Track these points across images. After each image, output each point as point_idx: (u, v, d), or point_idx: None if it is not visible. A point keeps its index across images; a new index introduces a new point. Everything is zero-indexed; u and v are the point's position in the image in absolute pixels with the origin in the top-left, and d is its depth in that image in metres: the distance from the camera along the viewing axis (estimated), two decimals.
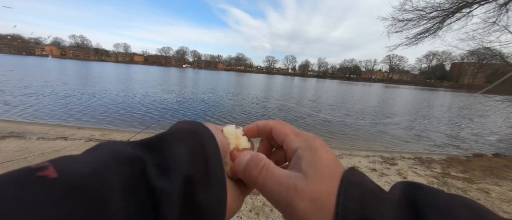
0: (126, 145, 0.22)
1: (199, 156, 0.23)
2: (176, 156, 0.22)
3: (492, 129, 10.28)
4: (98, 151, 0.20)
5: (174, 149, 0.22)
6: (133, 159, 0.20)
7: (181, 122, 0.28)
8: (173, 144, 0.23)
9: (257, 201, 2.61)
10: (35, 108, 7.84)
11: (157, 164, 0.21)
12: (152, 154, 0.22)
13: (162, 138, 0.24)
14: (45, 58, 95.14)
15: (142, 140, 0.24)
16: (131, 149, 0.21)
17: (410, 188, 0.23)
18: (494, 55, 6.85)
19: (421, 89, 67.25)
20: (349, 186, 0.22)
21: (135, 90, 14.80)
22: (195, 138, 0.24)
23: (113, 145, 0.21)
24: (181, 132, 0.25)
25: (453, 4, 5.81)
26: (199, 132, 0.25)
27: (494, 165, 4.72)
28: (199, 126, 0.26)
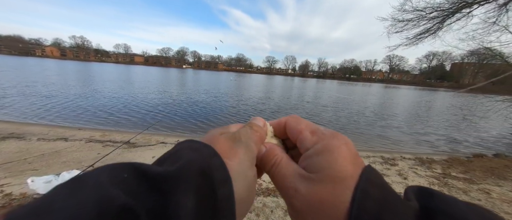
0: (119, 175, 0.18)
1: (207, 210, 0.19)
2: (180, 211, 0.17)
3: (493, 130, 10.26)
4: (81, 191, 0.15)
5: (179, 198, 0.18)
6: (123, 211, 0.15)
7: (191, 146, 0.23)
8: (178, 190, 0.18)
9: (257, 202, 2.60)
10: (33, 108, 7.84)
11: (153, 216, 0.16)
12: (150, 197, 0.17)
13: (167, 176, 0.19)
14: (45, 59, 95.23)
15: (142, 169, 0.19)
16: (121, 191, 0.16)
17: (426, 194, 0.21)
18: (495, 55, 6.85)
19: (421, 89, 67.25)
20: (368, 185, 0.21)
21: (135, 91, 14.81)
22: (206, 181, 0.20)
23: (103, 179, 0.17)
24: (188, 171, 0.20)
25: (453, 4, 5.81)
26: (211, 170, 0.21)
27: (494, 165, 4.71)
28: (211, 158, 0.22)
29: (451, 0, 5.79)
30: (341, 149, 0.23)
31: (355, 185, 0.21)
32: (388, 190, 0.21)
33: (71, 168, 3.08)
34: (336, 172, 0.22)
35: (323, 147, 0.24)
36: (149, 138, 5.37)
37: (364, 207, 0.19)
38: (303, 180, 0.23)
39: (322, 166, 0.22)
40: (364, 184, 0.20)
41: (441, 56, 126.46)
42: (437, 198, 0.21)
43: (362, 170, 0.22)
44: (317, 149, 0.24)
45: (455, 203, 0.20)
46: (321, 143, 0.24)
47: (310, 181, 0.22)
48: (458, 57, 24.27)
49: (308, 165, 0.24)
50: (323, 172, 0.22)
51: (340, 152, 0.23)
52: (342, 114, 11.94)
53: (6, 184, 2.78)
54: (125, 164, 0.19)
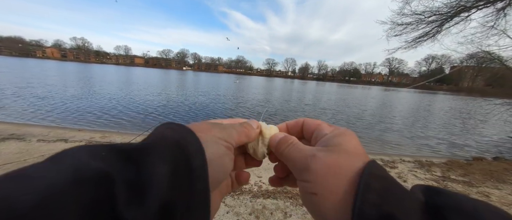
0: (98, 151, 0.18)
1: (182, 176, 0.20)
2: (154, 176, 0.19)
3: (492, 133, 10.27)
4: (58, 164, 0.17)
5: (152, 165, 0.19)
6: (98, 178, 0.16)
7: (167, 125, 0.25)
8: (152, 158, 0.20)
9: (257, 204, 2.60)
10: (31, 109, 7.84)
11: (129, 184, 0.17)
12: (125, 167, 0.18)
13: (141, 148, 0.21)
14: (45, 60, 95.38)
15: (119, 146, 0.20)
16: (99, 162, 0.17)
17: (433, 191, 0.22)
18: (493, 59, 6.89)
19: (420, 92, 67.42)
20: (370, 177, 0.22)
21: (135, 92, 14.82)
22: (179, 151, 0.22)
23: (79, 154, 0.18)
24: (163, 143, 0.22)
25: (452, 8, 5.87)
26: (185, 143, 0.22)
27: (494, 168, 4.71)
28: (186, 134, 0.24)
29: (450, 4, 5.85)
30: (353, 137, 0.28)
31: (363, 165, 0.23)
32: (392, 183, 0.22)
33: None
34: (351, 148, 0.26)
35: (339, 132, 0.28)
36: None
37: (366, 199, 0.20)
38: (321, 150, 0.26)
39: (340, 142, 0.26)
40: (367, 177, 0.22)
41: (440, 59, 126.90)
42: (444, 195, 0.21)
43: (367, 162, 0.24)
44: (334, 133, 0.28)
45: (463, 198, 0.21)
46: (338, 130, 0.29)
47: (329, 151, 0.26)
48: (457, 61, 24.41)
49: (327, 144, 0.27)
50: (340, 146, 0.26)
51: (352, 137, 0.27)
52: (340, 117, 11.96)
53: None
54: (103, 145, 0.20)
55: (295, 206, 2.60)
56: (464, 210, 0.19)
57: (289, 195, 2.81)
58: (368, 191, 0.20)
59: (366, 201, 0.20)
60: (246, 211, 2.47)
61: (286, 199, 2.74)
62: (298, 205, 2.62)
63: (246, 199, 2.67)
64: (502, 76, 8.03)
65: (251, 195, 2.76)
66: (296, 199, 2.72)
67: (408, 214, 0.19)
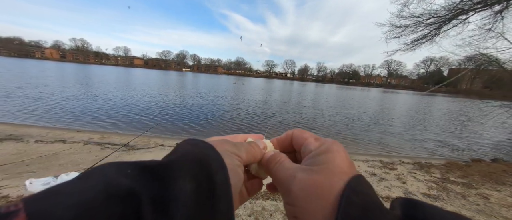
0: (125, 169, 0.19)
1: (206, 194, 0.21)
2: (180, 194, 0.19)
3: (491, 135, 10.32)
4: (90, 179, 0.17)
5: (178, 183, 0.20)
6: (127, 195, 0.17)
7: (188, 142, 0.26)
8: (177, 177, 0.20)
9: (256, 206, 2.59)
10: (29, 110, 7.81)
11: (155, 201, 0.18)
12: (151, 185, 0.19)
13: (166, 166, 0.21)
14: (44, 61, 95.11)
15: (144, 163, 0.21)
16: (128, 180, 0.18)
17: (409, 205, 0.23)
18: (491, 61, 6.93)
19: (419, 94, 67.67)
20: (353, 193, 0.22)
21: (135, 93, 14.80)
22: (203, 169, 0.22)
23: (109, 171, 0.18)
24: (187, 160, 0.22)
25: (450, 11, 5.92)
26: (208, 161, 0.23)
27: (492, 170, 4.72)
28: (208, 151, 0.24)
29: (448, 7, 5.90)
30: (340, 152, 0.27)
31: (344, 186, 0.23)
32: (371, 199, 0.22)
33: (69, 171, 3.06)
34: (334, 167, 0.25)
35: (325, 149, 0.28)
36: (148, 141, 5.36)
37: (347, 214, 0.21)
38: (303, 171, 0.26)
39: (322, 161, 0.26)
40: (349, 192, 0.22)
41: (438, 61, 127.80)
42: (420, 208, 0.22)
43: (350, 178, 0.24)
44: (319, 150, 0.28)
45: (437, 212, 0.21)
46: (323, 146, 0.28)
47: (310, 171, 0.26)
48: (455, 63, 24.70)
49: (311, 163, 0.27)
50: (322, 165, 0.26)
51: (338, 153, 0.27)
52: (339, 118, 11.98)
53: (3, 186, 2.75)
54: (128, 162, 0.20)
55: None
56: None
57: None
58: (348, 205, 0.21)
59: (346, 216, 0.20)
60: (246, 212, 2.47)
61: None
62: None
63: None
64: (500, 78, 8.08)
65: (251, 197, 2.75)
66: None
67: None
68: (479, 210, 3.00)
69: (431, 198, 3.28)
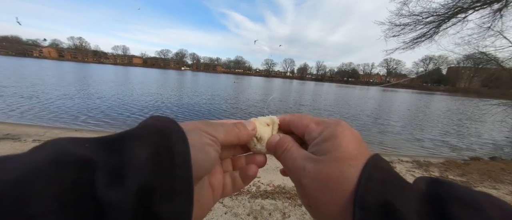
0: (82, 143, 0.19)
1: (163, 161, 0.20)
2: (134, 160, 0.19)
3: (489, 133, 10.37)
4: (42, 150, 0.17)
5: (133, 150, 0.19)
6: (81, 163, 0.17)
7: (152, 117, 0.25)
8: (133, 144, 0.20)
9: (255, 205, 2.59)
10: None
11: (110, 169, 0.18)
12: (107, 154, 0.19)
13: (123, 136, 0.21)
14: (42, 60, 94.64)
15: (102, 137, 0.21)
16: (82, 149, 0.18)
17: (435, 182, 0.22)
18: (490, 60, 6.95)
19: (418, 92, 67.96)
20: (373, 169, 0.22)
21: (133, 92, 14.74)
22: (162, 138, 0.22)
23: (63, 143, 0.18)
24: (145, 131, 0.22)
25: (449, 9, 5.91)
26: (168, 131, 0.23)
27: (491, 168, 4.74)
28: (169, 124, 0.24)
29: (447, 6, 5.89)
30: (345, 134, 0.25)
31: (361, 166, 0.22)
32: (393, 175, 0.22)
33: None
34: (341, 153, 0.24)
35: (329, 134, 0.26)
36: None
37: (367, 187, 0.20)
38: (312, 161, 0.25)
39: (328, 149, 0.25)
40: (369, 168, 0.22)
41: (437, 60, 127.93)
42: (446, 185, 0.21)
43: (368, 157, 0.24)
44: (323, 136, 0.26)
45: (465, 190, 0.21)
46: (327, 131, 0.26)
47: (318, 161, 0.25)
48: (454, 61, 24.67)
49: (316, 151, 0.26)
50: (329, 154, 0.24)
51: (344, 136, 0.25)
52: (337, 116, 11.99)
53: None
54: (89, 138, 0.20)
55: (293, 207, 2.59)
56: (463, 200, 0.19)
57: (287, 196, 2.79)
58: (370, 181, 0.21)
59: (367, 190, 0.20)
60: (245, 211, 2.46)
61: (284, 199, 2.73)
62: (297, 206, 2.61)
63: (244, 200, 2.65)
64: (498, 77, 8.11)
65: (250, 196, 2.75)
66: (295, 200, 2.71)
67: (407, 203, 0.19)
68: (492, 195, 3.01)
69: None
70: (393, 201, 0.19)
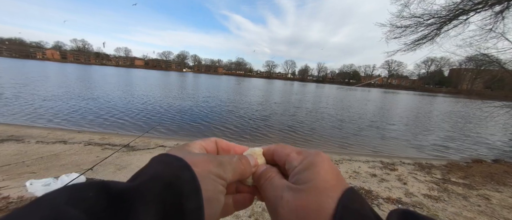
0: (81, 194, 0.17)
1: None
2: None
3: (492, 135, 10.28)
4: (32, 213, 0.15)
5: (139, 211, 0.17)
6: None
7: (161, 158, 0.24)
8: (139, 203, 0.18)
9: (256, 207, 2.59)
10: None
11: None
12: (110, 213, 0.17)
13: (128, 191, 0.19)
14: (45, 62, 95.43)
15: (108, 186, 0.18)
16: (79, 210, 0.16)
17: (408, 218, 0.22)
18: (492, 61, 6.91)
19: (420, 94, 67.55)
20: (345, 211, 0.21)
21: (135, 94, 14.81)
22: (173, 194, 0.20)
23: (58, 200, 0.16)
24: (153, 184, 0.20)
25: (450, 11, 5.91)
26: (180, 182, 0.21)
27: (494, 171, 4.70)
28: (181, 171, 0.22)
29: (448, 7, 5.89)
30: (324, 164, 0.26)
31: (336, 201, 0.22)
32: (366, 210, 0.22)
33: (70, 171, 3.06)
34: (320, 183, 0.24)
35: (308, 163, 0.26)
36: (148, 141, 5.36)
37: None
38: (290, 190, 0.25)
39: (308, 178, 0.25)
40: (345, 201, 0.22)
41: (439, 61, 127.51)
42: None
43: (343, 190, 0.23)
44: (303, 165, 0.26)
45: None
46: (307, 160, 0.27)
47: (297, 190, 0.24)
48: (456, 63, 24.62)
49: (296, 180, 0.26)
50: (308, 183, 0.24)
51: (323, 166, 0.25)
52: (340, 118, 11.97)
53: (3, 187, 2.76)
54: (92, 183, 0.18)
55: None
56: None
57: None
58: (344, 216, 0.20)
59: None
60: (245, 213, 2.46)
61: None
62: None
63: None
64: (501, 79, 8.06)
65: None
66: None
67: None
68: (480, 211, 2.98)
69: (432, 199, 3.26)
70: None
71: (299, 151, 0.30)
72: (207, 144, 0.32)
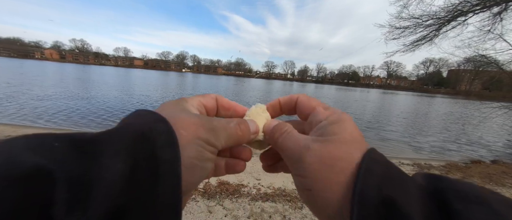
0: (45, 143, 0.15)
1: (143, 173, 0.17)
2: (105, 173, 0.15)
3: (490, 136, 10.32)
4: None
5: (105, 160, 0.16)
6: (31, 176, 0.13)
7: (137, 112, 0.22)
8: (108, 153, 0.16)
9: (255, 208, 2.58)
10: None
11: (73, 183, 0.14)
12: (73, 160, 0.15)
13: (98, 138, 0.17)
14: (43, 62, 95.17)
15: (77, 136, 0.17)
16: (38, 156, 0.14)
17: (434, 177, 0.22)
18: (490, 63, 6.95)
19: (418, 95, 67.86)
20: (371, 161, 0.21)
21: (134, 93, 14.78)
22: (144, 145, 0.18)
23: (18, 144, 0.15)
24: (123, 133, 0.19)
25: (449, 12, 5.94)
26: (153, 134, 0.19)
27: (492, 171, 4.72)
28: (156, 123, 0.20)
29: (447, 9, 5.92)
30: (351, 122, 0.26)
31: (361, 155, 0.22)
32: (392, 168, 0.22)
33: None
34: (348, 136, 0.24)
35: (336, 118, 0.26)
36: None
37: (367, 182, 0.19)
38: (317, 141, 0.25)
39: (335, 131, 0.24)
40: (371, 155, 0.22)
41: (437, 62, 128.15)
42: (445, 181, 0.21)
43: (366, 149, 0.23)
44: (331, 120, 0.26)
45: (467, 184, 0.20)
46: (334, 116, 0.26)
47: (324, 141, 0.24)
48: (454, 64, 24.78)
49: (322, 133, 0.25)
50: (336, 135, 0.24)
51: (350, 122, 0.26)
52: None
53: None
54: (62, 134, 0.17)
55: (294, 209, 2.58)
56: (466, 194, 0.18)
57: (288, 198, 2.79)
58: (369, 175, 0.20)
59: (367, 185, 0.19)
60: (245, 214, 2.45)
61: (285, 202, 2.72)
62: (297, 208, 2.60)
63: (244, 202, 2.65)
64: (499, 80, 8.10)
65: (250, 198, 2.74)
66: (295, 202, 2.70)
67: (408, 198, 0.18)
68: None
69: None
70: (395, 198, 0.18)
71: (326, 106, 0.29)
72: (207, 101, 0.30)
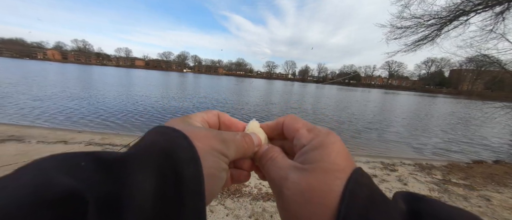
0: (73, 163, 0.16)
1: (170, 189, 0.18)
2: (136, 192, 0.16)
3: (492, 136, 10.26)
4: (18, 179, 0.14)
5: (134, 178, 0.17)
6: (64, 198, 0.13)
7: (158, 129, 0.23)
8: (135, 170, 0.17)
9: (257, 207, 2.59)
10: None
11: (104, 201, 0.15)
12: (103, 180, 0.16)
13: (124, 159, 0.18)
14: (45, 62, 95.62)
15: (103, 155, 0.18)
16: (68, 177, 0.15)
17: (414, 199, 0.22)
18: (492, 62, 6.91)
19: (420, 95, 67.50)
20: (356, 184, 0.21)
21: (136, 94, 14.83)
22: (168, 161, 0.19)
23: (45, 166, 0.15)
24: (150, 151, 0.19)
25: (450, 12, 5.91)
26: (176, 151, 0.20)
27: (494, 172, 4.69)
28: (178, 140, 0.21)
29: (449, 8, 5.89)
30: (335, 145, 0.24)
31: (345, 181, 0.21)
32: (375, 191, 0.21)
33: None
34: (329, 164, 0.22)
35: (318, 143, 0.24)
36: None
37: (351, 206, 0.19)
38: (296, 170, 0.24)
39: (316, 159, 0.23)
40: (353, 184, 0.21)
41: (439, 62, 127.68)
42: (424, 202, 0.21)
43: (352, 170, 0.22)
44: (312, 145, 0.25)
45: (441, 206, 0.21)
46: (317, 140, 0.25)
47: (303, 171, 0.23)
48: (456, 64, 24.69)
49: (303, 160, 0.24)
50: (316, 164, 0.23)
51: (334, 147, 0.24)
52: (340, 116, 11.96)
53: None
54: (86, 152, 0.17)
55: None
56: (440, 216, 0.20)
57: None
58: (353, 199, 0.20)
59: (351, 209, 0.19)
60: (246, 213, 2.46)
61: None
62: None
63: (245, 202, 2.66)
64: (501, 80, 8.06)
65: (251, 198, 2.75)
66: None
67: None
68: (481, 212, 2.98)
69: None
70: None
71: (310, 128, 0.28)
72: (209, 117, 0.31)
